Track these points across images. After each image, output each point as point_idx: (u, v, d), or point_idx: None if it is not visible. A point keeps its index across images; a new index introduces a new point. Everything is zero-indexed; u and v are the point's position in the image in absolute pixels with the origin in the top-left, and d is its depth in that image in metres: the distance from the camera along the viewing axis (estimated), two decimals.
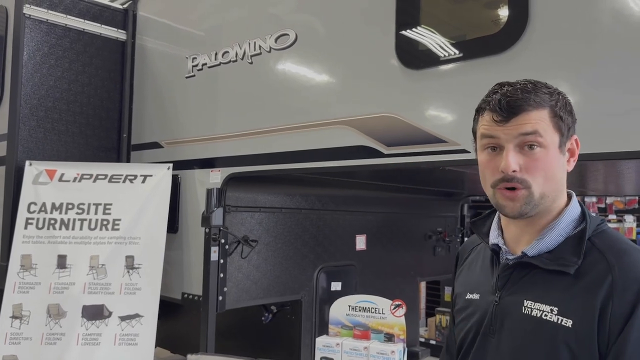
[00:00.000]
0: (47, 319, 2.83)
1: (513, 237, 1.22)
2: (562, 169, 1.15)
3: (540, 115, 1.11)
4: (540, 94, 1.12)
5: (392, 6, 2.16)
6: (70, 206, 3.01)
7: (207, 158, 2.99)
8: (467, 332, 1.26)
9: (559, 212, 1.17)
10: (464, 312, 1.29)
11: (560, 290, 1.11)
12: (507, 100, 1.11)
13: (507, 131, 1.12)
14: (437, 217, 4.65)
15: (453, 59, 1.99)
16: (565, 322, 1.08)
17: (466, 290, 1.31)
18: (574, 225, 1.16)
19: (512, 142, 1.12)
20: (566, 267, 1.11)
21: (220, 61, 2.95)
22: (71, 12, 3.38)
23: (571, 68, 1.73)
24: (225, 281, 2.88)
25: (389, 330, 2.31)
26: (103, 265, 2.91)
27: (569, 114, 1.15)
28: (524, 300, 1.14)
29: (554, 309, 1.10)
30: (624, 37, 1.63)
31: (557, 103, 1.13)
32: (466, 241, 1.47)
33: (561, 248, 1.14)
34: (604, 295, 1.06)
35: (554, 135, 1.12)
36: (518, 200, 1.12)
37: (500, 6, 1.89)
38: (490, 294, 1.22)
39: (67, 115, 3.36)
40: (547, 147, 1.11)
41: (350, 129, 2.29)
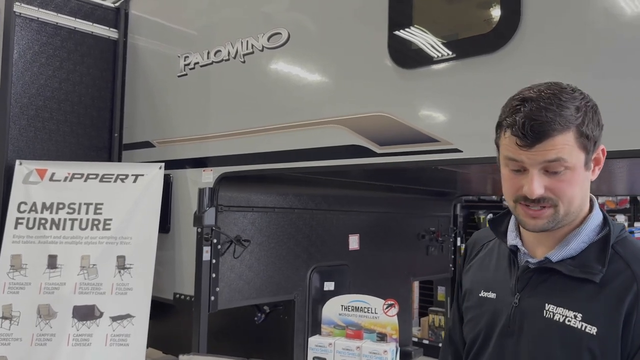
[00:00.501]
0: (37, 320, 2.80)
1: (532, 240, 1.21)
2: (586, 183, 1.14)
3: (565, 139, 1.07)
4: (566, 112, 1.07)
5: (385, 5, 2.16)
6: (61, 206, 2.98)
7: (200, 157, 2.98)
8: (480, 331, 1.26)
9: (582, 218, 1.16)
10: (477, 310, 1.28)
11: (584, 297, 1.11)
12: (531, 125, 1.06)
13: (532, 156, 1.08)
14: (430, 217, 4.65)
15: (445, 58, 1.99)
16: (590, 330, 1.08)
17: (480, 287, 1.29)
18: (597, 231, 1.15)
19: (536, 168, 1.09)
20: (592, 275, 1.10)
21: (212, 60, 2.94)
22: (62, 10, 3.35)
23: (562, 67, 1.74)
24: (218, 281, 2.87)
25: (382, 330, 2.30)
26: (94, 265, 2.89)
27: (596, 125, 1.11)
28: (546, 304, 1.14)
29: (577, 315, 1.10)
30: (613, 37, 1.64)
31: (583, 120, 1.08)
32: (476, 235, 1.44)
33: (585, 255, 1.13)
34: (629, 305, 1.06)
35: (579, 155, 1.09)
36: (543, 219, 1.12)
37: (493, 6, 1.89)
38: (509, 295, 1.21)
39: (58, 114, 3.34)
40: (573, 168, 1.09)
41: (343, 128, 2.28)
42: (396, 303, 2.33)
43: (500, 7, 1.83)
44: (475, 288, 1.31)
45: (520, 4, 1.77)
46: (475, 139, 1.88)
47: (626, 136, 1.63)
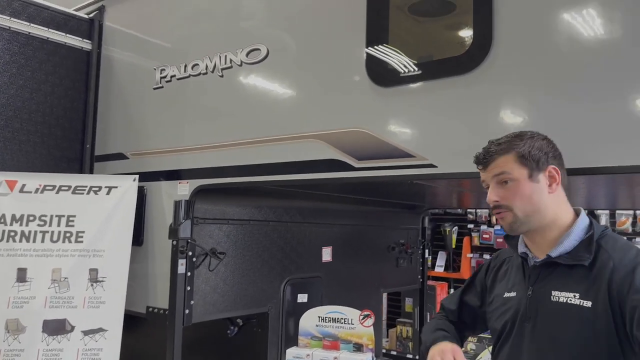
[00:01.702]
0: (5, 335, 2.73)
1: (534, 247, 1.61)
2: (538, 193, 1.53)
3: (506, 159, 1.54)
4: (510, 144, 1.55)
5: (363, 26, 2.24)
6: (31, 218, 2.93)
7: (175, 170, 2.98)
8: (507, 322, 1.62)
9: (566, 225, 1.55)
10: (503, 307, 1.65)
11: (578, 280, 1.47)
12: (482, 154, 1.60)
13: (486, 175, 1.59)
14: (400, 230, 4.75)
15: (420, 77, 2.08)
16: (586, 304, 1.43)
17: (504, 291, 1.68)
18: (585, 232, 1.53)
19: (491, 182, 1.57)
20: (581, 260, 1.48)
21: (189, 73, 2.96)
22: (35, 20, 3.31)
23: (530, 88, 1.85)
24: (192, 294, 2.86)
25: (358, 340, 2.36)
26: (66, 279, 2.85)
27: (538, 150, 1.53)
28: (552, 291, 1.51)
29: (576, 295, 1.46)
30: (575, 60, 1.76)
31: (523, 146, 1.53)
32: (499, 253, 1.86)
33: (576, 249, 1.51)
34: (608, 277, 1.42)
35: (521, 170, 1.52)
36: (506, 220, 1.55)
37: (465, 29, 2.00)
38: (524, 290, 1.59)
39: (29, 124, 3.28)
40: (517, 180, 1.52)
41: (321, 142, 2.35)
42: (372, 314, 2.39)
43: (472, 31, 1.93)
44: (501, 292, 1.70)
45: (492, 29, 1.87)
46: (449, 155, 1.97)
47: (583, 154, 1.74)
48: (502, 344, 1.64)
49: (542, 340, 1.51)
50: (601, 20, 1.73)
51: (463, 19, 2.01)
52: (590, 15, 1.74)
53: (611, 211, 5.30)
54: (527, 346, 1.55)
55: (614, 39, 1.69)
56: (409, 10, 2.24)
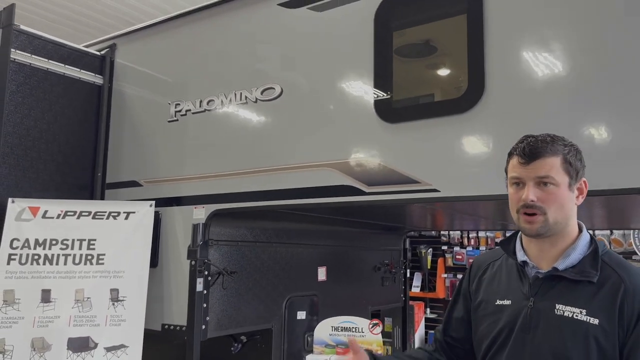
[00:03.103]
0: (31, 353, 2.88)
1: (535, 255, 1.58)
2: (570, 203, 1.52)
3: (553, 161, 1.48)
4: (556, 145, 1.51)
5: (371, 70, 2.60)
6: (54, 242, 3.11)
7: (191, 195, 3.24)
8: (501, 330, 1.58)
9: (573, 237, 1.54)
10: (495, 315, 1.61)
11: (586, 296, 1.46)
12: (529, 148, 1.50)
13: (528, 172, 1.50)
14: (384, 251, 5.09)
15: (424, 116, 2.45)
16: (593, 321, 1.43)
17: (495, 297, 1.63)
18: (587, 247, 1.54)
19: (531, 181, 1.49)
20: (589, 277, 1.47)
21: (205, 108, 3.25)
22: (53, 57, 3.55)
23: (518, 124, 2.23)
24: (208, 311, 3.09)
25: (368, 347, 2.65)
26: (88, 299, 3.03)
27: (579, 160, 1.53)
28: (556, 305, 1.48)
29: (582, 311, 1.44)
30: (551, 99, 2.17)
31: (568, 152, 1.51)
32: (480, 258, 1.82)
33: (581, 263, 1.51)
34: (620, 300, 1.43)
35: (564, 177, 1.49)
36: (536, 223, 1.49)
37: (461, 77, 2.39)
38: (523, 300, 1.55)
39: (46, 154, 3.48)
40: (558, 186, 1.48)
41: (334, 170, 2.67)
42: (380, 322, 2.70)
43: (468, 78, 2.32)
44: (491, 298, 1.65)
45: (484, 77, 2.27)
46: (451, 180, 2.33)
47: None
48: (496, 352, 1.59)
49: (544, 353, 1.49)
50: (568, 65, 2.15)
51: (459, 68, 2.40)
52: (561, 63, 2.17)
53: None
54: (526, 358, 1.52)
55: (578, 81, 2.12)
56: (408, 53, 2.62)
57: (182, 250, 3.24)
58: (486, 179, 2.27)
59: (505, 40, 2.26)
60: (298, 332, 3.83)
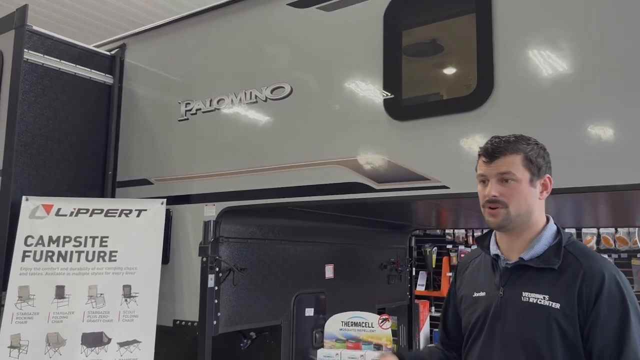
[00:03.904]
0: (46, 348, 2.93)
1: (506, 248, 1.72)
2: (532, 197, 1.65)
3: (514, 159, 1.63)
4: (518, 144, 1.64)
5: (380, 69, 2.65)
6: (67, 239, 3.16)
7: (202, 193, 3.28)
8: (477, 319, 1.72)
9: (539, 230, 1.67)
10: (473, 307, 1.75)
11: (548, 283, 1.59)
12: (492, 148, 1.66)
13: (491, 169, 1.65)
14: (390, 249, 5.12)
15: (433, 113, 2.49)
16: (555, 305, 1.55)
17: (473, 291, 1.78)
18: (553, 238, 1.67)
19: (494, 178, 1.64)
20: (551, 264, 1.60)
21: (215, 107, 3.30)
22: (64, 57, 3.60)
23: (525, 122, 2.27)
24: (219, 307, 3.14)
25: (378, 342, 2.70)
26: (101, 295, 3.08)
27: (542, 159, 1.66)
28: (522, 292, 1.62)
29: (545, 296, 1.57)
30: (557, 97, 2.20)
31: (530, 151, 1.64)
32: (464, 258, 2.00)
33: (546, 253, 1.64)
34: (579, 284, 1.55)
35: (525, 173, 1.62)
36: (498, 216, 1.63)
37: (470, 75, 2.42)
38: (495, 290, 1.69)
39: (58, 153, 3.53)
40: (519, 181, 1.62)
41: (344, 168, 2.71)
42: (389, 317, 2.74)
43: (477, 76, 2.36)
44: (470, 292, 1.80)
45: (493, 75, 2.31)
46: (460, 177, 2.37)
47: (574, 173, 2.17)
48: (473, 341, 1.72)
49: (513, 338, 1.60)
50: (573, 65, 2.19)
51: (468, 66, 2.44)
52: (570, 60, 2.21)
53: (577, 230, 5.82)
54: (497, 344, 1.63)
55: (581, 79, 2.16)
56: (415, 52, 2.66)
57: (193, 247, 3.28)
58: None
59: (514, 38, 2.30)
60: (306, 329, 3.87)
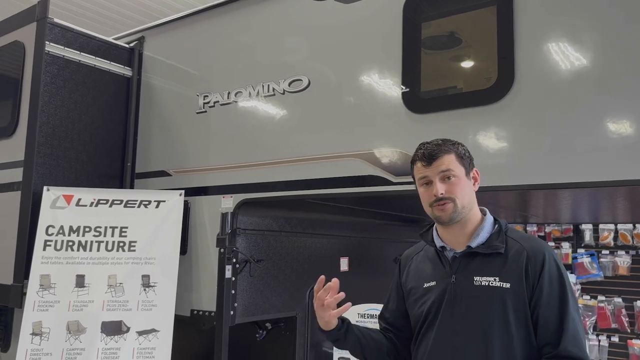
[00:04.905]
0: (67, 335, 2.99)
1: (450, 240, 1.83)
2: (470, 189, 1.81)
3: (449, 157, 1.78)
4: (447, 145, 1.80)
5: (399, 61, 2.64)
6: (87, 229, 3.21)
7: (219, 185, 3.31)
8: (430, 307, 1.80)
9: (479, 220, 1.81)
10: (424, 297, 1.83)
11: (496, 266, 1.72)
12: (427, 152, 1.80)
13: (432, 171, 1.78)
14: (403, 243, 5.12)
15: (452, 106, 2.48)
16: (505, 285, 1.68)
17: (422, 282, 1.86)
18: (493, 226, 1.82)
19: (436, 177, 1.77)
20: (497, 249, 1.74)
21: (233, 100, 3.32)
22: (84, 49, 3.64)
23: (546, 116, 2.26)
24: (236, 297, 3.17)
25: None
26: (121, 284, 3.13)
27: (468, 154, 1.83)
28: (474, 277, 1.73)
29: (496, 278, 1.70)
30: (582, 91, 2.19)
31: (457, 149, 1.81)
32: (406, 252, 2.06)
33: (490, 240, 1.77)
34: (524, 264, 1.69)
35: (461, 168, 1.79)
36: (447, 210, 1.75)
37: (490, 67, 2.41)
38: (446, 278, 1.79)
39: (78, 144, 3.58)
40: (458, 176, 1.77)
41: (361, 160, 2.72)
42: None
43: (497, 69, 2.35)
44: (419, 284, 1.88)
45: (514, 68, 2.29)
46: (479, 170, 2.36)
47: (594, 167, 2.16)
48: (427, 328, 1.79)
49: (470, 321, 1.69)
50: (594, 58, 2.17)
51: (488, 59, 2.43)
52: (591, 54, 2.19)
53: (594, 225, 5.78)
54: (454, 328, 1.72)
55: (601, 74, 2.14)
56: (433, 45, 2.65)
57: (210, 238, 3.32)
58: (513, 170, 2.31)
59: (535, 30, 2.28)
60: None
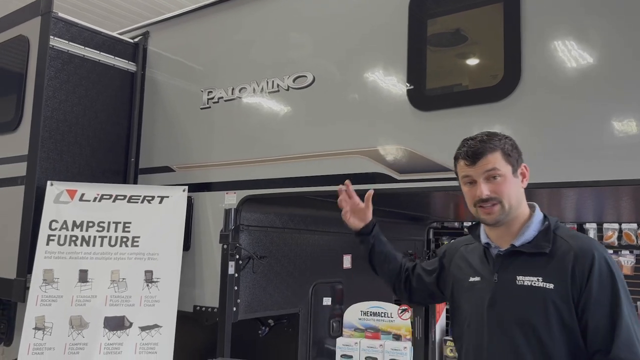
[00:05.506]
0: (69, 330, 2.99)
1: (496, 237, 1.79)
2: (518, 187, 1.73)
3: (495, 156, 1.70)
4: (493, 142, 1.71)
5: (404, 58, 2.62)
6: (90, 224, 3.21)
7: (222, 181, 3.30)
8: (474, 305, 1.78)
9: (526, 218, 1.74)
10: (469, 293, 1.82)
11: (540, 266, 1.66)
12: (471, 150, 1.72)
13: (476, 170, 1.71)
14: (408, 241, 5.11)
15: (458, 104, 2.46)
16: (549, 286, 1.62)
17: (468, 275, 1.84)
18: (541, 223, 1.74)
19: (481, 177, 1.70)
20: (543, 249, 1.67)
21: (237, 96, 3.30)
22: (89, 44, 3.63)
23: (552, 113, 2.24)
24: (239, 293, 3.16)
25: (397, 332, 2.70)
26: (124, 279, 3.13)
27: (515, 150, 1.74)
28: (517, 276, 1.68)
29: (539, 278, 1.64)
30: (589, 90, 2.17)
31: (505, 146, 1.71)
32: (454, 242, 2.06)
33: (536, 239, 1.71)
34: (572, 264, 1.61)
35: (507, 167, 1.70)
36: (494, 213, 1.70)
37: (497, 65, 2.39)
38: (490, 275, 1.76)
39: (82, 139, 3.58)
40: (505, 175, 1.69)
41: (366, 158, 2.71)
42: (409, 307, 2.73)
43: (504, 66, 2.33)
44: (465, 277, 1.86)
45: (521, 65, 2.27)
46: None
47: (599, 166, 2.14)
48: (469, 326, 1.78)
49: (509, 321, 1.66)
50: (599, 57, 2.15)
51: (494, 56, 2.41)
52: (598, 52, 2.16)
53: (598, 225, 5.74)
54: (494, 328, 1.69)
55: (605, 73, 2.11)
56: (439, 42, 2.63)
57: (213, 234, 3.31)
58: None
59: (543, 28, 2.26)
60: (323, 318, 3.89)
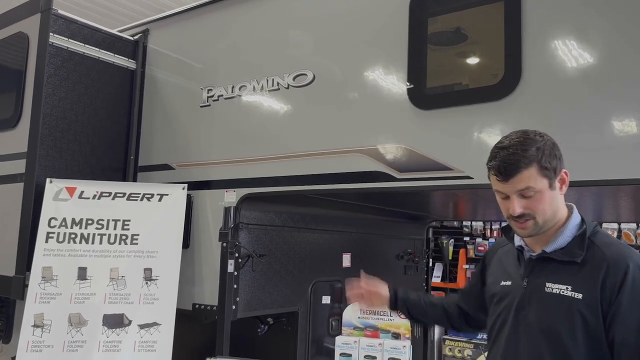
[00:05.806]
0: (68, 328, 2.99)
1: (530, 241, 1.72)
2: (555, 199, 1.63)
3: (529, 172, 1.57)
4: (529, 152, 1.57)
5: (405, 57, 2.62)
6: (90, 222, 3.21)
7: (222, 179, 3.30)
8: (503, 309, 1.74)
9: (562, 222, 1.66)
10: (500, 294, 1.77)
11: (571, 274, 1.60)
12: (504, 166, 1.59)
13: (508, 187, 1.61)
14: (407, 240, 5.11)
15: (458, 103, 2.46)
16: (577, 296, 1.56)
17: (500, 279, 1.80)
18: (577, 228, 1.65)
19: (514, 194, 1.61)
20: (574, 257, 1.61)
21: (237, 94, 3.30)
22: (89, 41, 3.62)
23: (551, 113, 2.24)
24: (238, 292, 3.16)
25: (396, 330, 2.70)
26: (123, 277, 3.12)
27: (554, 158, 1.61)
28: (546, 283, 1.63)
29: (568, 287, 1.59)
30: (589, 89, 2.17)
31: (542, 156, 1.58)
32: (493, 244, 2.01)
33: (570, 245, 1.63)
34: (603, 275, 1.55)
35: (543, 181, 1.59)
36: (527, 228, 1.63)
37: (497, 63, 2.39)
38: (520, 280, 1.71)
39: (81, 136, 3.57)
40: (540, 192, 1.59)
41: (365, 156, 2.70)
42: None
43: (504, 65, 2.32)
44: (498, 280, 1.82)
45: (521, 64, 2.27)
46: (484, 168, 2.33)
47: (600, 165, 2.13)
48: (498, 330, 1.74)
49: (535, 328, 1.62)
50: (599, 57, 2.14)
51: (495, 55, 2.41)
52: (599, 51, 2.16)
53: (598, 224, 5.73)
54: (521, 334, 1.65)
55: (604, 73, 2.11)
56: (439, 41, 2.63)
57: (213, 232, 3.30)
58: None
59: (543, 27, 2.25)
60: (323, 316, 3.89)
